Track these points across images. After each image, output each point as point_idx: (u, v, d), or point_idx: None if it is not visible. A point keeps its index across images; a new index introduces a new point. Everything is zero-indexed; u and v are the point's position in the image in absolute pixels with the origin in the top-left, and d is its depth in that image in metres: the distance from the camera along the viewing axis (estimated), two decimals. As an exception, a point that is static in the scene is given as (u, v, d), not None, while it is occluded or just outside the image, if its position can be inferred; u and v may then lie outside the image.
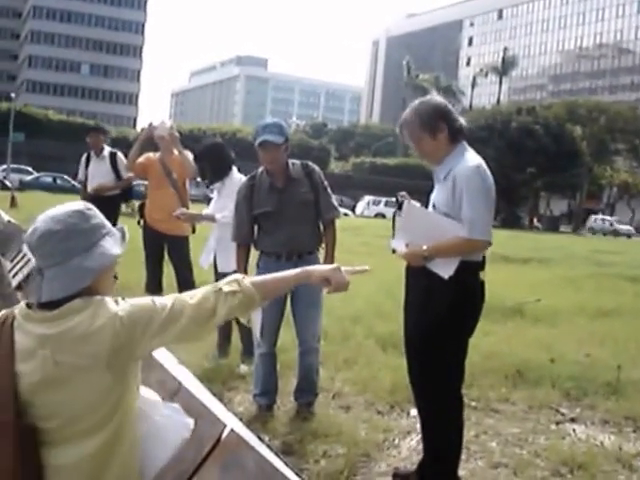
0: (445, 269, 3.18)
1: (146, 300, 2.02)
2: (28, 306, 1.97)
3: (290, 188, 4.27)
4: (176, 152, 6.15)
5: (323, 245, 4.45)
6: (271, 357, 4.42)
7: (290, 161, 4.35)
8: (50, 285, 1.92)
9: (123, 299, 2.02)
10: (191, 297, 2.05)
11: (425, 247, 3.19)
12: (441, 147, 3.28)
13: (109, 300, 1.99)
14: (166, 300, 2.03)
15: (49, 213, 1.98)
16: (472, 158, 3.27)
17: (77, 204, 2.04)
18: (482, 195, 3.17)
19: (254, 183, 4.34)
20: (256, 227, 4.41)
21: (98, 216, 2.05)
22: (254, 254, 4.53)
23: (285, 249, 4.26)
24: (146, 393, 2.22)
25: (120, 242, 2.07)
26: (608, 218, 57.26)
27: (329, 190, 4.42)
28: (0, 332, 1.96)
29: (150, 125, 6.31)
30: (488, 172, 3.25)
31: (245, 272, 4.37)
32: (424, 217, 3.31)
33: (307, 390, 4.42)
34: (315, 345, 4.42)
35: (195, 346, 5.57)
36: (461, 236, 3.15)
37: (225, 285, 2.08)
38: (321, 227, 4.44)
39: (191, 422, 2.19)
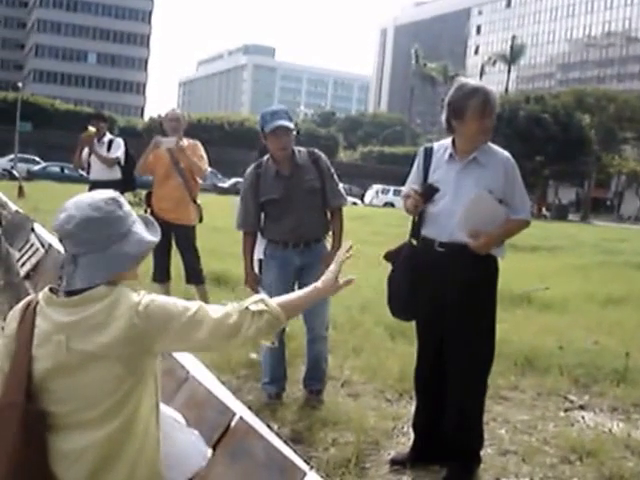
0: (501, 250, 3.46)
1: (168, 299, 2.02)
2: (52, 290, 1.99)
3: (296, 175, 4.24)
4: (185, 142, 6.16)
5: (330, 233, 4.44)
6: (279, 345, 4.41)
7: (296, 148, 4.33)
8: (86, 272, 1.93)
9: (148, 293, 2.03)
10: (215, 310, 2.02)
11: (497, 233, 3.37)
12: None
13: (131, 291, 2.00)
14: (189, 304, 2.01)
15: (83, 201, 1.98)
16: (500, 148, 3.51)
17: (108, 192, 2.05)
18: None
19: (260, 171, 4.31)
20: (263, 215, 4.39)
21: (126, 203, 2.07)
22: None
23: (292, 237, 4.25)
24: (172, 413, 2.22)
25: (151, 228, 2.09)
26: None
27: (336, 177, 4.40)
28: (24, 315, 1.98)
29: (155, 140, 6.26)
30: None
31: (251, 260, 4.37)
32: (490, 204, 3.36)
33: (316, 378, 4.42)
34: (323, 333, 4.42)
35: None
36: (522, 218, 3.45)
37: (252, 304, 2.03)
38: (328, 215, 4.43)
39: (209, 451, 2.20)
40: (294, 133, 4.22)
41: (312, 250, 4.28)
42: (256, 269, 4.48)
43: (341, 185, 4.48)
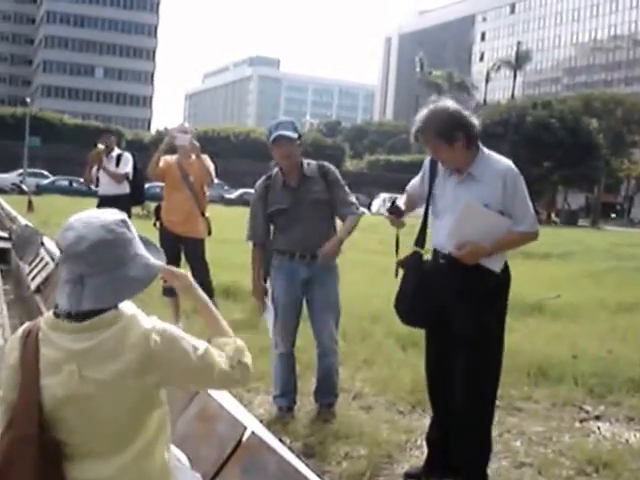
0: (497, 263, 3.33)
1: (179, 331, 1.99)
2: (56, 315, 1.93)
3: (304, 186, 4.25)
4: (194, 157, 6.16)
5: (342, 247, 4.38)
6: (289, 358, 4.39)
7: (306, 161, 4.34)
8: (95, 293, 1.88)
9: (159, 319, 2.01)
10: (219, 355, 2.03)
11: (488, 245, 3.28)
12: (458, 154, 3.31)
13: (141, 316, 1.97)
14: (197, 343, 1.99)
15: (93, 221, 1.92)
16: (504, 158, 3.40)
17: (116, 212, 2.00)
18: (526, 192, 3.37)
19: (269, 183, 4.34)
20: (272, 227, 4.39)
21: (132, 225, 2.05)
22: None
23: (298, 248, 4.25)
24: (176, 452, 2.18)
25: (153, 251, 2.05)
26: None
27: (347, 189, 4.37)
28: (25, 345, 1.92)
29: (169, 132, 6.31)
30: None
31: (259, 272, 4.37)
32: (482, 215, 3.32)
33: (327, 391, 4.38)
34: (333, 346, 4.36)
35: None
36: (522, 230, 3.32)
37: (243, 356, 2.09)
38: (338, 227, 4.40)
39: None
40: (298, 143, 4.22)
41: (319, 262, 4.25)
42: None
43: (354, 197, 4.43)
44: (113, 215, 1.97)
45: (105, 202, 7.31)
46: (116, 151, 8.06)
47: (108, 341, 1.87)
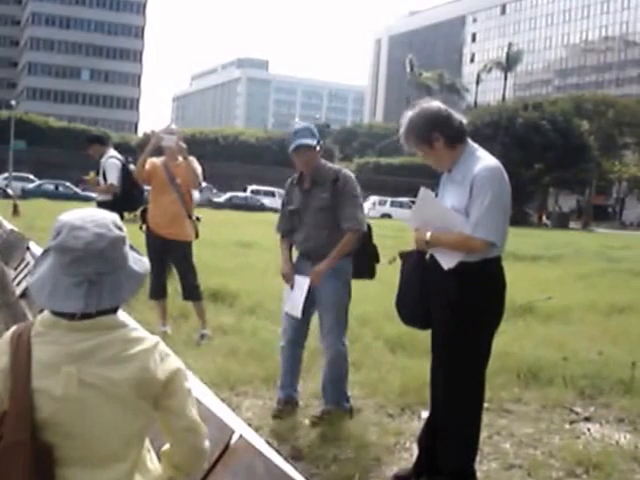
0: (447, 260, 3.23)
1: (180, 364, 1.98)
2: (53, 314, 1.88)
3: (313, 191, 4.38)
4: (181, 159, 6.11)
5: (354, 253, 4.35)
6: (285, 350, 4.42)
7: (327, 165, 4.46)
8: (113, 290, 1.87)
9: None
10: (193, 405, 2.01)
11: (429, 234, 3.25)
12: (442, 155, 3.31)
13: (143, 329, 1.96)
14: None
15: (99, 219, 1.90)
16: (490, 159, 3.26)
17: (107, 212, 2.00)
18: (495, 197, 3.15)
19: (293, 181, 4.54)
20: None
21: None
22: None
23: (302, 248, 4.46)
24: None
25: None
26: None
27: (356, 200, 4.37)
28: (17, 347, 1.86)
29: (155, 133, 6.25)
30: (506, 175, 3.24)
31: (290, 262, 4.49)
32: (436, 208, 3.32)
33: (324, 395, 4.32)
34: (327, 347, 4.31)
35: (202, 351, 5.52)
36: (470, 235, 3.15)
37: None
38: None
39: None
40: (317, 149, 4.35)
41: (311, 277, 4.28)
42: None
43: (360, 210, 4.40)
44: (108, 213, 1.97)
45: (103, 207, 7.34)
46: (105, 156, 7.92)
47: (109, 347, 1.85)
